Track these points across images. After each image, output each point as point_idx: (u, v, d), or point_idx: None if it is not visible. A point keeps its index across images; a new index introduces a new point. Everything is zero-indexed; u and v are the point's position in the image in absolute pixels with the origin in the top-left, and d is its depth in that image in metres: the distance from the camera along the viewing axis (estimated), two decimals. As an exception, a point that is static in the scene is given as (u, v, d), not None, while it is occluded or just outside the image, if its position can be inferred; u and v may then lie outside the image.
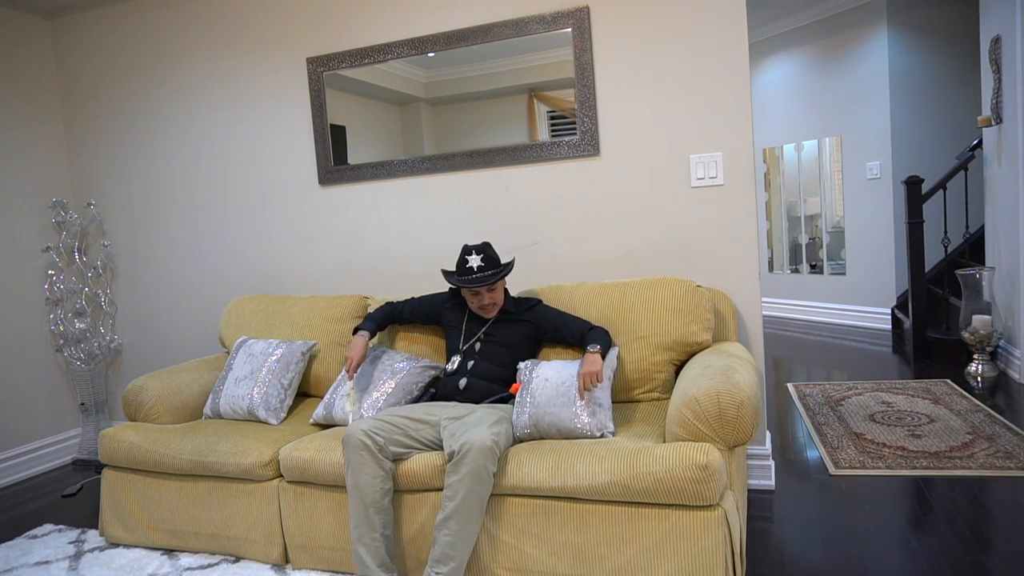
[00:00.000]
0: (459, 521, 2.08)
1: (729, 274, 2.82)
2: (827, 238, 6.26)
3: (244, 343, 3.04)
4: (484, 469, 2.07)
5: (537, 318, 2.63)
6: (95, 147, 3.93)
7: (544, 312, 2.64)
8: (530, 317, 2.63)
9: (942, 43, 5.54)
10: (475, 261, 2.53)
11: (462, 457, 2.07)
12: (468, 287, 2.53)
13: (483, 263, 2.53)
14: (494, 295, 2.57)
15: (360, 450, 2.18)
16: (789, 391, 4.19)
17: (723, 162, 2.78)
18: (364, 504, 2.18)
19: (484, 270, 2.53)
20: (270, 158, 3.52)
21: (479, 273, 2.53)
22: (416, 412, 2.39)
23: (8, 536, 2.96)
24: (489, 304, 2.57)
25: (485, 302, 2.56)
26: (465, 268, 2.54)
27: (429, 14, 3.12)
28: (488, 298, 2.56)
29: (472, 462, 2.06)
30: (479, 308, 2.58)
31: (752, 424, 2.02)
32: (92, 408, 3.91)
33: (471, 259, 2.54)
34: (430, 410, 2.41)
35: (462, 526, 2.08)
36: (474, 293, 2.56)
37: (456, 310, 2.73)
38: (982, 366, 4.13)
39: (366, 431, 2.20)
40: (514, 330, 2.61)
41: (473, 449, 2.07)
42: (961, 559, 2.20)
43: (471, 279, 2.52)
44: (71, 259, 3.90)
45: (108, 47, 3.81)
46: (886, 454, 3.07)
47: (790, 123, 6.38)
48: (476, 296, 2.57)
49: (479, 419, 2.24)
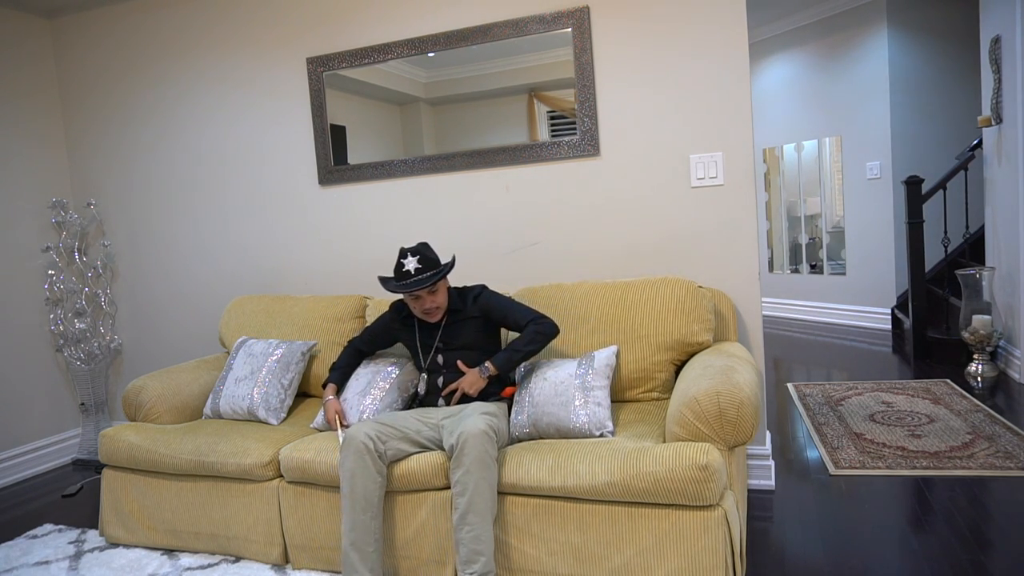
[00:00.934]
0: (477, 513, 2.07)
1: (729, 274, 2.82)
2: (827, 238, 6.26)
3: (244, 343, 3.04)
4: (486, 454, 2.08)
5: (484, 309, 2.51)
6: (95, 147, 3.93)
7: (489, 301, 2.52)
8: (477, 311, 2.51)
9: (942, 43, 5.54)
10: (411, 263, 2.38)
11: (461, 448, 2.08)
12: (407, 291, 2.38)
13: (420, 264, 2.39)
14: (436, 298, 2.43)
15: (363, 454, 2.17)
16: (789, 391, 4.19)
17: (723, 162, 2.78)
18: (362, 508, 2.17)
19: (422, 271, 2.38)
20: (270, 158, 3.52)
21: (416, 276, 2.37)
22: (413, 415, 2.39)
23: (8, 536, 2.96)
24: (433, 308, 2.43)
25: (427, 306, 2.42)
26: (402, 272, 2.39)
27: (429, 14, 3.12)
28: (430, 301, 2.42)
29: (472, 449, 2.07)
30: (423, 314, 2.45)
31: (752, 424, 2.02)
32: (92, 408, 3.91)
33: (407, 262, 2.39)
34: (427, 413, 2.42)
35: (481, 517, 2.07)
36: (415, 298, 2.43)
37: (405, 326, 2.60)
38: (982, 366, 4.13)
39: (368, 435, 2.19)
40: (468, 328, 2.50)
41: (470, 438, 2.07)
42: (961, 559, 2.20)
43: (409, 283, 2.36)
44: (71, 259, 3.90)
45: (108, 47, 3.81)
46: (886, 454, 3.07)
47: (790, 123, 6.38)
48: (418, 301, 2.43)
49: (471, 412, 2.25)
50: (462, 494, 2.08)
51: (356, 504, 2.17)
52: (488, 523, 2.09)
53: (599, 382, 2.36)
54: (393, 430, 2.26)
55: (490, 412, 2.28)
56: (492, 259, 3.14)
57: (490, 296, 2.54)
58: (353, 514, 2.17)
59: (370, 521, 2.18)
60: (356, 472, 2.17)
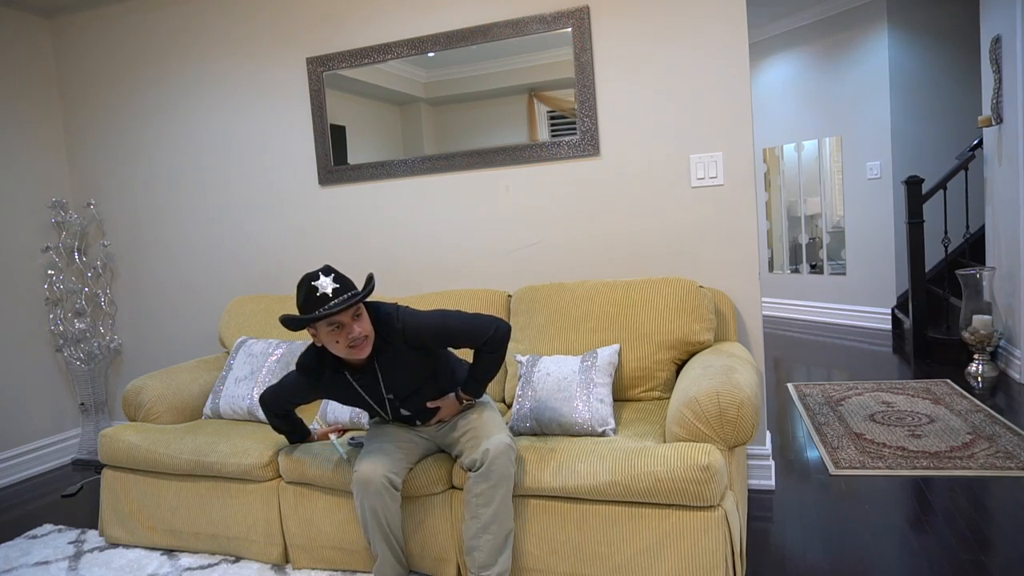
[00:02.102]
0: (500, 524, 2.07)
1: (729, 274, 2.82)
2: (827, 238, 6.26)
3: (244, 343, 3.04)
4: (512, 465, 2.09)
5: (415, 345, 2.10)
6: (95, 147, 3.92)
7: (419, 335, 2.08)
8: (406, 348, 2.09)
9: (942, 43, 5.54)
10: (327, 285, 1.95)
11: (490, 463, 2.05)
12: (329, 315, 1.92)
13: (338, 284, 1.96)
14: (362, 324, 1.99)
15: (382, 493, 2.13)
16: (789, 391, 4.19)
17: (723, 162, 2.78)
18: (389, 535, 2.18)
19: (340, 292, 1.95)
20: (270, 158, 3.52)
21: (336, 297, 1.94)
22: (404, 431, 2.31)
23: (8, 536, 2.95)
24: (360, 337, 1.98)
25: (355, 334, 1.97)
26: (316, 297, 1.94)
27: (429, 14, 3.12)
28: (357, 329, 1.97)
29: (501, 466, 2.06)
30: (349, 348, 1.98)
31: (752, 424, 2.01)
32: (92, 408, 3.91)
33: (321, 284, 1.95)
34: (415, 430, 2.34)
35: (502, 525, 2.08)
36: (336, 328, 1.96)
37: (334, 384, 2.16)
38: (982, 366, 4.12)
39: (386, 475, 2.12)
40: (404, 357, 2.10)
41: (499, 455, 2.05)
42: (961, 559, 2.20)
43: (332, 305, 1.92)
44: (71, 259, 3.90)
45: (108, 46, 3.81)
46: (886, 454, 3.07)
47: (790, 123, 6.38)
48: (341, 332, 1.96)
49: (488, 424, 2.19)
50: (486, 505, 2.06)
51: (385, 534, 2.17)
52: (508, 531, 2.09)
53: (602, 379, 2.36)
54: (401, 456, 2.22)
55: (502, 421, 2.25)
56: (492, 259, 3.14)
57: (417, 330, 2.08)
58: (381, 541, 2.18)
59: (393, 541, 2.20)
60: (378, 508, 2.13)
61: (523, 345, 2.72)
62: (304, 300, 1.97)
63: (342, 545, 2.40)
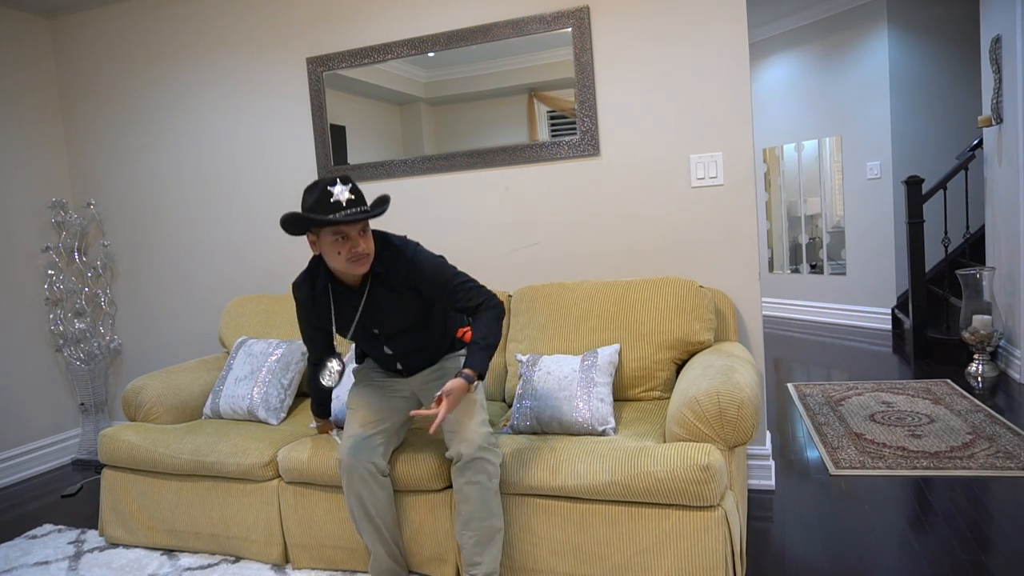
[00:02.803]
0: (480, 519, 2.07)
1: (729, 274, 2.82)
2: (827, 238, 6.26)
3: (244, 343, 3.04)
4: (487, 465, 2.06)
5: (416, 285, 2.05)
6: (95, 147, 3.92)
7: (422, 278, 2.04)
8: (405, 286, 2.06)
9: (942, 43, 5.54)
10: (343, 193, 1.89)
11: (464, 465, 2.06)
12: (340, 223, 1.87)
13: (353, 195, 1.91)
14: (367, 242, 1.95)
15: (368, 481, 2.14)
16: (789, 391, 4.19)
17: (723, 162, 2.77)
18: (380, 526, 2.19)
19: (355, 204, 1.91)
20: (270, 158, 3.52)
21: (349, 209, 1.89)
22: (385, 395, 2.24)
23: (8, 536, 2.95)
24: (363, 254, 1.94)
25: (359, 248, 1.92)
26: (330, 203, 1.87)
27: (429, 14, 3.12)
28: (362, 244, 1.93)
29: (476, 464, 2.05)
30: (349, 261, 1.93)
31: (752, 424, 2.01)
32: (92, 408, 3.91)
33: (337, 191, 1.88)
34: (396, 387, 2.27)
35: (483, 521, 2.07)
36: (341, 239, 1.91)
37: (318, 304, 2.11)
38: (982, 366, 4.12)
39: (370, 460, 2.13)
40: (398, 295, 2.07)
41: (473, 457, 2.04)
42: (961, 559, 2.20)
43: (347, 215, 1.87)
44: (71, 259, 3.90)
45: (107, 46, 3.81)
46: (886, 454, 3.07)
47: (790, 123, 6.38)
48: (346, 243, 1.92)
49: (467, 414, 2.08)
50: (465, 501, 2.07)
51: (370, 521, 2.18)
52: (493, 527, 2.08)
53: (602, 378, 2.36)
54: (381, 440, 2.19)
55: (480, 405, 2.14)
56: (492, 259, 3.14)
57: (423, 269, 2.04)
58: (367, 529, 2.19)
59: (382, 528, 2.20)
60: (364, 495, 2.15)
61: (523, 345, 2.72)
62: (314, 202, 1.88)
63: (342, 544, 2.40)
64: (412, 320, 2.13)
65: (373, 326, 2.12)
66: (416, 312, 2.12)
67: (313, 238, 1.97)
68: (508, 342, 2.80)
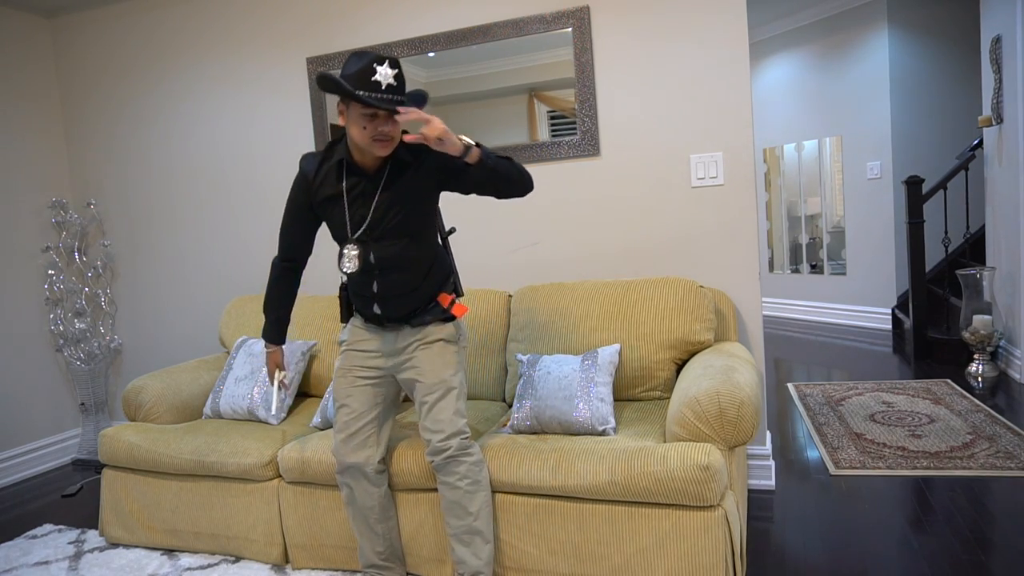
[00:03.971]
0: (457, 517, 2.09)
1: (729, 274, 2.81)
2: (827, 238, 6.26)
3: (244, 343, 3.04)
4: (458, 464, 2.06)
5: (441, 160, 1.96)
6: (95, 147, 3.92)
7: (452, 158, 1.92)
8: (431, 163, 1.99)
9: (943, 43, 5.54)
10: (387, 76, 1.84)
11: (436, 467, 2.08)
12: (375, 106, 1.82)
13: (395, 82, 1.86)
14: (395, 128, 1.91)
15: (359, 477, 2.17)
16: (789, 391, 4.18)
17: (723, 162, 2.77)
18: (366, 516, 2.21)
19: (394, 91, 1.86)
20: (269, 158, 3.52)
21: (388, 94, 1.85)
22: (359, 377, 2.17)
23: (8, 536, 2.95)
24: (389, 136, 1.89)
25: (385, 130, 1.88)
26: (371, 81, 1.83)
27: (429, 14, 3.12)
28: (391, 127, 1.89)
29: (444, 470, 2.07)
30: (373, 140, 1.88)
31: (752, 424, 2.01)
32: (92, 408, 3.91)
33: (381, 71, 1.83)
34: (369, 361, 2.17)
35: (460, 520, 2.09)
36: (371, 117, 1.86)
37: (328, 184, 2.04)
38: (983, 366, 4.12)
39: (360, 462, 2.14)
40: (409, 191, 2.00)
41: (445, 459, 2.05)
42: (961, 559, 2.20)
43: (380, 97, 1.83)
44: (71, 259, 3.90)
45: (108, 46, 3.81)
46: (886, 454, 3.07)
47: (790, 123, 6.38)
48: (373, 121, 1.87)
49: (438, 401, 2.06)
50: (442, 501, 2.11)
51: (361, 517, 2.20)
52: (471, 529, 2.08)
53: (602, 378, 2.36)
54: (369, 422, 2.16)
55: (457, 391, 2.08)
56: (493, 259, 3.14)
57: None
58: (359, 524, 2.21)
59: (375, 525, 2.21)
60: (354, 488, 2.18)
61: (524, 345, 2.72)
62: (356, 73, 1.82)
63: (342, 544, 2.40)
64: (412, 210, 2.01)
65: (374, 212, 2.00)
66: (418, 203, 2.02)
67: (343, 107, 1.92)
68: (508, 342, 2.80)
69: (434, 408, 2.07)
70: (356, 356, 2.20)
